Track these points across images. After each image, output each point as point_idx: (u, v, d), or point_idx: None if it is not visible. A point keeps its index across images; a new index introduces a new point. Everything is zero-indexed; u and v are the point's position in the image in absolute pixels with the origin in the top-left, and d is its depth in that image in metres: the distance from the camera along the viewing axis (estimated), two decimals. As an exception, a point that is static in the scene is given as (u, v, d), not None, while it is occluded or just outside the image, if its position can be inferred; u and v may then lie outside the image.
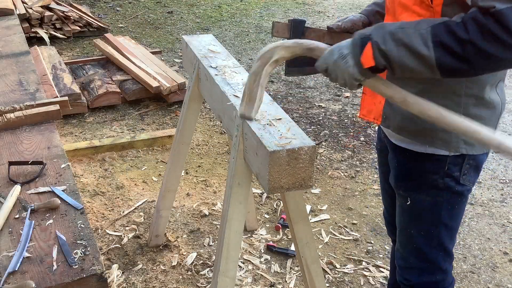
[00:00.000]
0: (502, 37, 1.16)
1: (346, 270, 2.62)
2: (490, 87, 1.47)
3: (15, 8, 4.91)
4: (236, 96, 1.78)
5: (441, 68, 1.25)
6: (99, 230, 2.79)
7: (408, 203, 1.64)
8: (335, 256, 2.72)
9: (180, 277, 2.51)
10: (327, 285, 2.52)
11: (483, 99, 1.47)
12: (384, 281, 2.55)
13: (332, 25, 1.70)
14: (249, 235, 2.84)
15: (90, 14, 6.03)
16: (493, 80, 1.46)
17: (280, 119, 1.62)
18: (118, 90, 4.21)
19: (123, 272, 2.52)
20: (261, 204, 3.11)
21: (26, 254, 1.41)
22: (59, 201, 1.59)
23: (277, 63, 1.44)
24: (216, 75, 1.95)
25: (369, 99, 1.63)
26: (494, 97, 1.49)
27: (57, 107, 2.09)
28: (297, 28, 1.54)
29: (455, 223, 1.67)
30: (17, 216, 1.55)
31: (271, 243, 2.77)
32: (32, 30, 5.38)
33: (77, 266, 1.37)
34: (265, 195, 3.17)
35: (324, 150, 3.75)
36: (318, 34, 1.60)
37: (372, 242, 2.83)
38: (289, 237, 2.84)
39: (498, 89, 1.51)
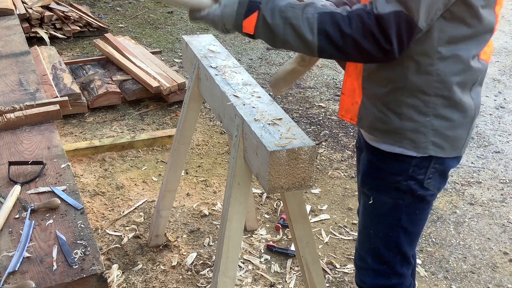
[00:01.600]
0: (379, 40, 1.27)
1: (346, 270, 2.62)
2: (461, 90, 1.45)
3: (15, 8, 4.91)
4: (236, 96, 1.78)
5: (320, 53, 1.34)
6: (99, 230, 2.79)
7: (370, 202, 1.64)
8: (335, 256, 2.72)
9: (180, 277, 2.51)
10: (327, 285, 2.52)
11: (453, 100, 1.45)
12: (384, 281, 2.55)
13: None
14: (249, 235, 2.84)
15: (90, 14, 6.02)
16: (462, 81, 1.44)
17: (280, 119, 1.62)
18: (118, 90, 4.21)
19: (123, 272, 2.52)
20: (261, 204, 3.11)
21: (26, 254, 1.41)
22: (59, 201, 1.59)
23: None
24: (216, 75, 1.95)
25: (347, 99, 1.63)
26: (467, 100, 1.47)
27: (57, 107, 2.09)
28: None
29: (415, 228, 1.65)
30: (17, 216, 1.55)
31: (271, 243, 2.77)
32: (32, 30, 5.38)
33: (77, 266, 1.37)
34: (265, 195, 3.17)
35: (324, 150, 3.75)
36: None
37: (372, 242, 2.83)
38: (289, 237, 2.84)
39: (472, 93, 1.49)
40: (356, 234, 2.87)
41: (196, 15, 1.47)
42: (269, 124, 1.58)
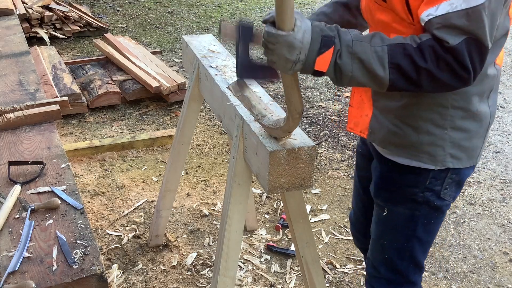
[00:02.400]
0: (456, 70, 1.22)
1: (346, 270, 2.62)
2: (479, 99, 1.43)
3: (15, 8, 4.91)
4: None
5: (390, 88, 1.26)
6: (99, 230, 2.79)
7: (384, 213, 1.61)
8: (335, 256, 2.72)
9: (180, 277, 2.51)
10: (327, 285, 2.52)
11: (470, 111, 1.43)
12: (384, 281, 2.55)
13: None
14: (249, 235, 2.84)
15: (90, 14, 6.02)
16: (480, 91, 1.42)
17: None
18: (118, 90, 4.20)
19: (123, 272, 2.52)
20: (261, 204, 3.11)
21: (26, 254, 1.41)
22: (59, 201, 1.59)
23: None
24: (216, 75, 1.95)
25: (355, 112, 1.59)
26: (483, 109, 1.45)
27: (57, 107, 2.09)
28: (245, 32, 1.49)
29: (429, 237, 1.64)
30: (17, 216, 1.55)
31: (271, 243, 2.77)
32: (32, 30, 5.38)
33: (77, 266, 1.37)
34: (265, 195, 3.17)
35: (324, 150, 3.75)
36: None
37: (372, 242, 2.83)
38: (289, 237, 2.84)
39: (489, 100, 1.47)
40: (356, 234, 2.87)
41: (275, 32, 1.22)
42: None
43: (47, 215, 1.56)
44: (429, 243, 1.66)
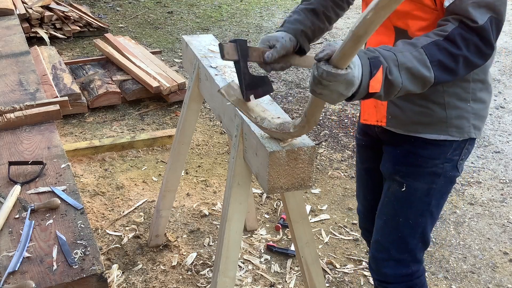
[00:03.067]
0: (482, 48, 1.31)
1: (346, 270, 2.63)
2: (489, 70, 1.55)
3: (15, 8, 4.91)
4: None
5: (435, 84, 1.32)
6: (99, 230, 2.79)
7: (403, 189, 1.66)
8: (335, 256, 2.73)
9: (180, 277, 2.52)
10: (327, 285, 2.52)
11: (486, 83, 1.55)
12: (384, 281, 2.55)
13: (267, 56, 1.56)
14: (249, 235, 2.84)
15: (90, 14, 6.02)
16: (491, 63, 1.53)
17: (279, 119, 1.62)
18: (118, 90, 4.21)
19: (123, 272, 2.52)
20: (261, 204, 3.11)
21: (26, 254, 1.41)
22: (59, 201, 1.59)
23: None
24: (216, 75, 1.95)
25: (369, 103, 1.64)
26: (490, 80, 1.58)
27: (57, 107, 2.09)
28: (243, 48, 1.52)
29: (439, 212, 1.72)
30: (17, 216, 1.55)
31: (271, 243, 2.77)
32: (32, 30, 5.38)
33: (77, 266, 1.37)
34: (265, 195, 3.17)
35: (324, 150, 3.75)
36: (259, 53, 1.58)
37: (372, 242, 2.83)
38: (289, 237, 2.84)
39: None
40: (356, 234, 2.87)
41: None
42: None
43: (47, 215, 1.56)
44: (437, 218, 1.73)
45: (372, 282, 2.56)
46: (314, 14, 1.68)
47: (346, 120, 4.21)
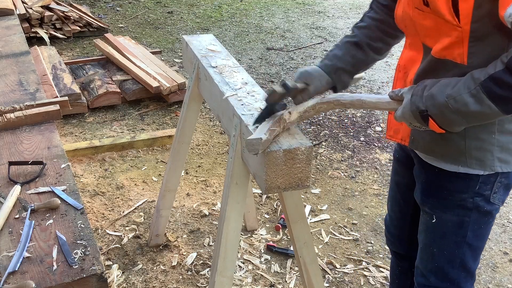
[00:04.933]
0: None
1: (346, 270, 2.63)
2: None
3: (15, 8, 4.91)
4: (235, 95, 1.78)
5: (507, 114, 1.27)
6: (99, 230, 2.79)
7: (433, 221, 1.59)
8: (335, 256, 2.73)
9: (180, 277, 2.52)
10: (327, 285, 2.53)
11: None
12: (385, 281, 2.55)
13: (297, 100, 1.60)
14: (249, 235, 2.85)
15: (90, 14, 6.03)
16: None
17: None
18: (118, 90, 4.21)
19: (123, 272, 2.53)
20: (261, 204, 3.12)
21: (26, 254, 1.41)
22: (59, 201, 1.59)
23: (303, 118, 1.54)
24: (216, 74, 1.95)
25: (394, 119, 1.57)
26: None
27: (57, 107, 2.10)
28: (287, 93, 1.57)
29: (480, 243, 1.60)
30: (17, 216, 1.55)
31: (271, 243, 2.78)
32: (32, 30, 5.38)
33: (77, 266, 1.37)
34: (265, 195, 3.17)
35: (324, 150, 3.75)
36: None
37: (372, 242, 2.83)
38: (289, 237, 2.84)
39: None
40: (357, 234, 2.87)
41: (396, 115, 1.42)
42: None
43: (47, 215, 1.56)
44: (480, 249, 1.62)
45: (372, 282, 2.56)
46: (357, 47, 1.64)
47: (346, 120, 4.21)
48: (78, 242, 1.46)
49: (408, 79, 1.49)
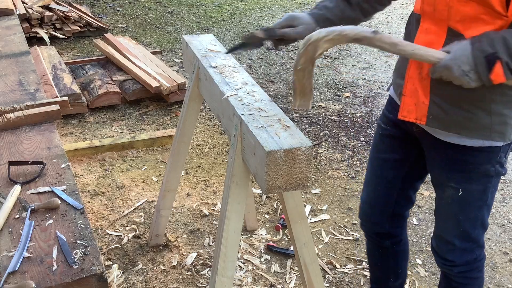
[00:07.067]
0: None
1: (346, 270, 2.63)
2: None
3: (15, 8, 4.91)
4: (235, 95, 1.78)
5: None
6: (99, 230, 2.79)
7: (460, 193, 1.70)
8: (335, 256, 2.73)
9: (180, 277, 2.52)
10: (327, 285, 2.53)
11: None
12: (384, 281, 2.55)
13: (285, 32, 1.67)
14: (249, 235, 2.85)
15: (90, 14, 6.03)
16: None
17: (278, 119, 1.62)
18: (118, 90, 4.21)
19: (123, 272, 2.53)
20: (261, 204, 3.12)
21: (26, 254, 1.41)
22: (59, 201, 1.59)
23: (321, 55, 1.45)
24: (216, 74, 1.95)
25: (409, 100, 1.63)
26: None
27: (57, 107, 2.10)
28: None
29: (493, 201, 1.77)
30: (17, 216, 1.55)
31: (271, 243, 2.78)
32: (32, 30, 5.38)
33: (77, 266, 1.37)
34: (265, 195, 3.17)
35: (324, 150, 3.75)
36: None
37: (372, 242, 2.83)
38: (289, 237, 2.84)
39: None
40: (357, 234, 2.87)
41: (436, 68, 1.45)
42: (267, 124, 1.58)
43: (47, 215, 1.56)
44: (491, 205, 1.79)
45: (371, 282, 2.56)
46: (347, 3, 1.70)
47: (346, 120, 4.21)
48: (78, 242, 1.46)
49: (426, 64, 1.53)
